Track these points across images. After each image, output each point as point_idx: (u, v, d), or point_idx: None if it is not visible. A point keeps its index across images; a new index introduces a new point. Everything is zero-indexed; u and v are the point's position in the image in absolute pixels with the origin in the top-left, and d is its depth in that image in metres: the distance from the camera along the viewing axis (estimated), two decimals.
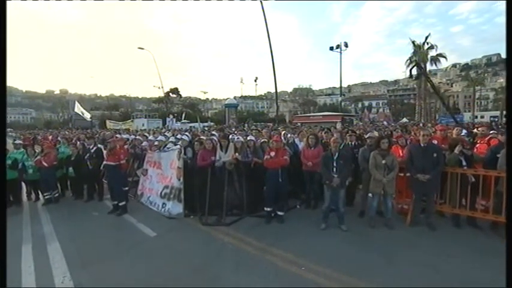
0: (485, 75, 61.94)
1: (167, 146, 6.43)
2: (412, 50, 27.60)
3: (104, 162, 5.71)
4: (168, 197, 5.57)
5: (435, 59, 27.60)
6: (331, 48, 24.97)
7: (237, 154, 5.09)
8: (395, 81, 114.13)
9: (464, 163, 4.25)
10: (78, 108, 27.76)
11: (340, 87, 27.61)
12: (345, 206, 4.72)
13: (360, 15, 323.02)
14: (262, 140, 5.69)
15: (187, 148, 5.49)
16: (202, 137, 6.31)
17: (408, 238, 4.19)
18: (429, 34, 27.77)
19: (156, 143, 6.69)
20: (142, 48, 30.62)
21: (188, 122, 38.50)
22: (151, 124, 31.35)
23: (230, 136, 5.75)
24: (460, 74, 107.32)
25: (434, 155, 4.13)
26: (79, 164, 6.62)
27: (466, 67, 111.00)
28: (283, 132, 7.03)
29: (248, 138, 5.40)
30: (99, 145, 7.21)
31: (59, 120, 65.11)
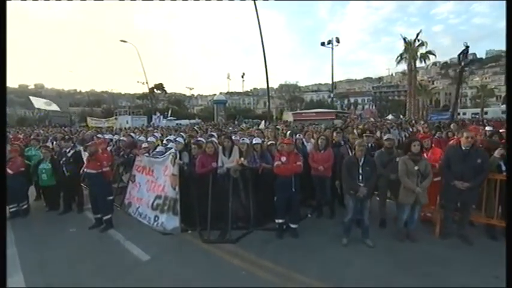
0: (463, 73, 64.47)
1: (157, 149, 5.60)
2: (404, 47, 27.72)
3: (84, 170, 4.80)
4: (161, 208, 4.79)
5: (424, 56, 27.95)
6: (323, 44, 24.54)
7: (242, 159, 4.38)
8: (380, 78, 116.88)
9: (503, 168, 3.77)
10: (39, 102, 23.16)
11: (332, 83, 27.38)
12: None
13: (346, 13, 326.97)
14: (270, 142, 5.00)
15: (182, 152, 4.71)
16: (200, 138, 5.51)
17: (444, 254, 3.67)
18: (420, 31, 27.89)
19: (145, 144, 5.84)
20: (125, 41, 28.76)
21: (175, 119, 37.14)
22: (135, 121, 29.76)
23: (233, 137, 4.98)
24: (440, 72, 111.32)
25: (478, 160, 3.61)
26: (54, 170, 5.67)
27: (445, 65, 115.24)
28: (288, 132, 6.37)
29: (254, 140, 4.69)
30: (77, 147, 6.26)
31: (34, 117, 61.05)
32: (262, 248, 3.97)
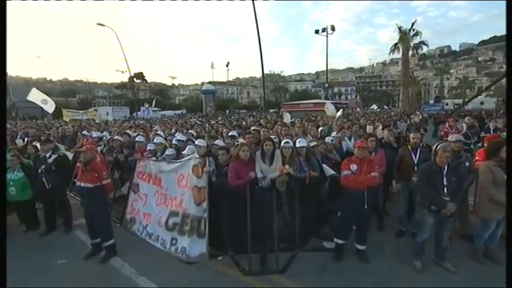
0: (439, 65, 66.86)
1: (167, 152, 4.55)
2: (398, 37, 27.44)
3: (77, 183, 3.64)
4: (179, 229, 3.80)
5: (417, 46, 28.00)
6: (317, 32, 23.62)
7: (287, 167, 3.47)
8: (361, 69, 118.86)
9: None
10: (37, 96, 14.57)
11: (326, 73, 26.67)
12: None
13: (329, 3, 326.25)
14: (313, 144, 4.11)
15: (208, 158, 3.70)
16: (218, 140, 4.44)
17: None
18: (415, 20, 27.82)
19: (150, 146, 4.74)
20: (103, 25, 25.87)
21: (159, 110, 35.08)
22: (116, 113, 27.47)
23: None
24: (418, 63, 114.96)
25: None
26: (29, 181, 4.46)
27: (424, 57, 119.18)
28: (320, 129, 5.49)
29: (298, 143, 3.75)
30: (60, 150, 5.03)
31: None
32: (320, 278, 3.16)
